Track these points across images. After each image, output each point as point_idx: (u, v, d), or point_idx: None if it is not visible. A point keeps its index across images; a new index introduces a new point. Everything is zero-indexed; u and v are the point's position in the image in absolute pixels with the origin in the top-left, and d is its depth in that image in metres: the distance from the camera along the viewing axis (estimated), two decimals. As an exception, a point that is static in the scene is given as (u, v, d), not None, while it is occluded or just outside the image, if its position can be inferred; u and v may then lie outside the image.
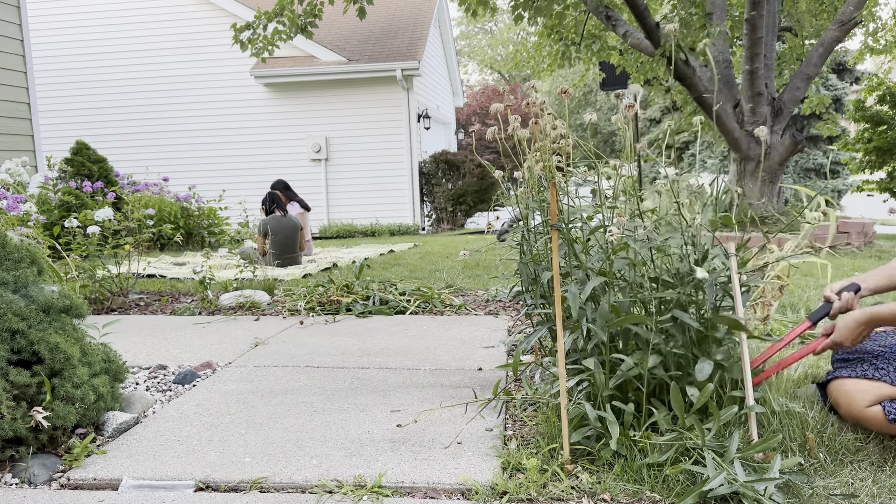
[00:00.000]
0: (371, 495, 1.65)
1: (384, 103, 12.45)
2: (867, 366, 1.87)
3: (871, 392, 1.83)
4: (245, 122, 12.75)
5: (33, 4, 12.28)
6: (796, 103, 8.63)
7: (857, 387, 1.86)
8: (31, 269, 2.09)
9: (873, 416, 1.83)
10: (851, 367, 1.91)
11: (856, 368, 1.89)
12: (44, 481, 1.78)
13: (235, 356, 3.00)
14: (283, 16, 8.73)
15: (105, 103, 12.92)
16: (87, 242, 4.37)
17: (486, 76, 41.79)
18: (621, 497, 1.61)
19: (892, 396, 1.82)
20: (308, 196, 12.61)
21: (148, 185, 8.56)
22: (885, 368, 1.84)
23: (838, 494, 1.59)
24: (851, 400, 1.86)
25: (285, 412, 2.23)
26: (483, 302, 4.19)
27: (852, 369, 1.90)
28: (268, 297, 4.27)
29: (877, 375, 1.84)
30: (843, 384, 1.89)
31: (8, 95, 7.27)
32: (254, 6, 11.55)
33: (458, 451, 1.87)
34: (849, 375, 1.89)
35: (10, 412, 1.79)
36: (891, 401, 1.81)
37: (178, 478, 1.76)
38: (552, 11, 8.25)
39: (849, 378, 1.89)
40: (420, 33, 13.20)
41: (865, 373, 1.86)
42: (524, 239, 2.34)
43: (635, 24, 8.79)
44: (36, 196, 6.70)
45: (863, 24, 11.19)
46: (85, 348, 2.06)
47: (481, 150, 21.84)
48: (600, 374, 1.84)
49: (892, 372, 1.83)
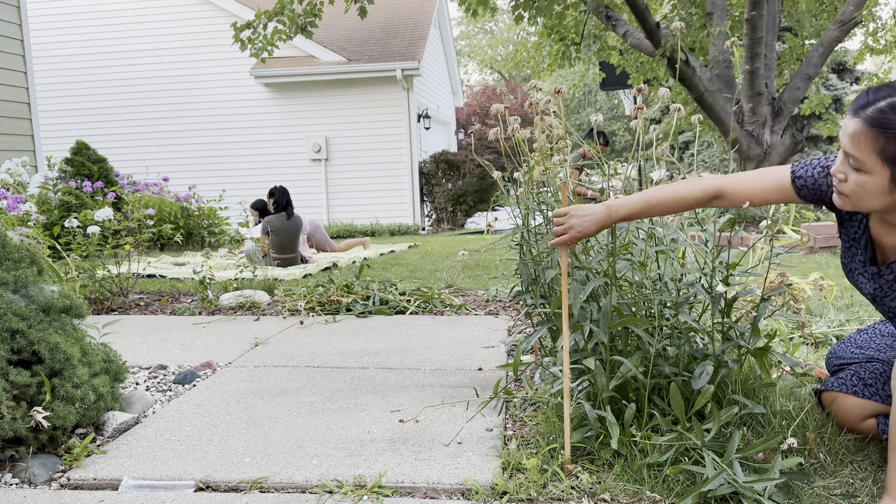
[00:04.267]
0: (371, 495, 1.65)
1: (384, 103, 12.45)
2: (856, 380, 1.86)
3: (865, 408, 1.83)
4: (245, 122, 12.75)
5: (33, 4, 12.28)
6: (796, 103, 8.63)
7: (848, 402, 1.85)
8: (31, 269, 2.09)
9: (868, 429, 1.83)
10: (843, 380, 1.90)
11: (846, 382, 1.88)
12: (44, 481, 1.78)
13: (235, 356, 3.00)
14: (283, 15, 8.74)
15: (105, 103, 12.91)
16: (87, 242, 4.37)
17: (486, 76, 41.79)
18: (621, 497, 1.61)
19: (885, 413, 1.81)
20: (308, 196, 12.63)
21: (148, 185, 8.56)
22: (874, 386, 1.83)
23: (838, 494, 1.59)
24: (846, 414, 1.86)
25: (285, 412, 2.23)
26: (483, 302, 4.19)
27: (843, 383, 1.89)
28: (268, 297, 4.27)
29: (867, 394, 1.83)
30: (836, 397, 1.89)
31: (8, 95, 7.27)
32: (254, 6, 11.55)
33: (459, 451, 1.87)
34: (839, 390, 1.88)
35: (10, 412, 1.79)
36: (885, 417, 1.80)
37: (178, 478, 1.76)
38: (552, 11, 8.25)
39: (840, 393, 1.88)
40: (420, 33, 13.21)
41: (856, 390, 1.84)
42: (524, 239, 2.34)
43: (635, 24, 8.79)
44: (36, 196, 6.70)
45: (863, 24, 11.18)
46: (85, 348, 2.06)
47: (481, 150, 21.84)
48: (601, 375, 1.84)
49: (880, 390, 1.82)
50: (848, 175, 1.50)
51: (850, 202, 1.54)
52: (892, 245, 1.62)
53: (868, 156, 1.44)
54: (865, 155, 1.44)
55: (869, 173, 1.46)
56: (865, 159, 1.45)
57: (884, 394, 1.80)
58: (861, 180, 1.48)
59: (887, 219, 1.59)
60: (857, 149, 1.45)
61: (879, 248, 1.67)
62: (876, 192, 1.47)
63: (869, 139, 1.43)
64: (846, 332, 2.95)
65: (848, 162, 1.50)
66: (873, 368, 1.86)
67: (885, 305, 1.71)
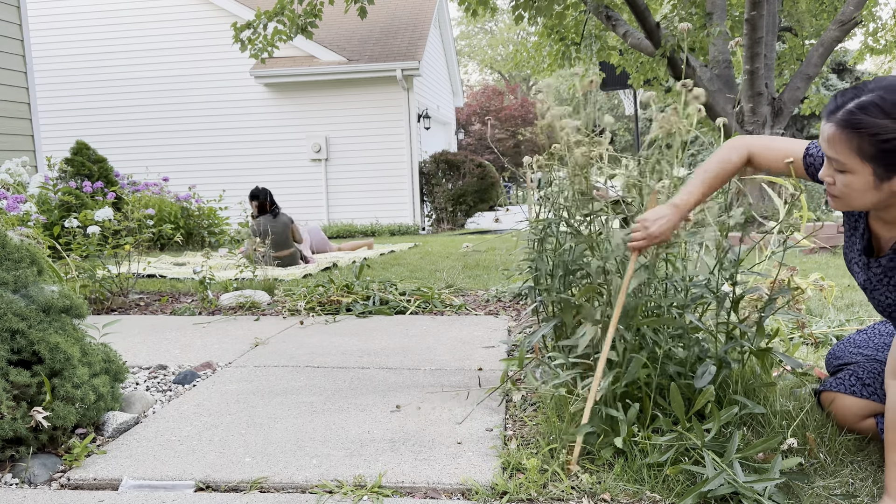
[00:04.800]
0: (371, 495, 1.65)
1: (384, 103, 12.45)
2: (855, 380, 1.86)
3: (864, 408, 1.83)
4: (245, 122, 12.75)
5: (33, 4, 12.28)
6: (796, 103, 8.62)
7: (847, 402, 1.86)
8: (31, 269, 2.09)
9: (867, 428, 1.84)
10: (841, 381, 1.90)
11: (844, 382, 1.89)
12: (44, 481, 1.78)
13: (235, 356, 3.00)
14: (284, 15, 8.73)
15: (105, 103, 12.91)
16: (87, 242, 4.37)
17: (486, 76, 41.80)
18: (621, 497, 1.61)
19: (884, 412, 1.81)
20: (308, 196, 12.64)
21: (148, 185, 8.56)
22: (873, 386, 1.83)
23: (838, 494, 1.59)
24: (845, 414, 1.87)
25: (285, 412, 2.23)
26: (483, 302, 4.19)
27: (842, 383, 1.89)
28: (268, 297, 4.27)
29: (865, 394, 1.83)
30: (835, 398, 1.89)
31: (8, 95, 7.27)
32: (254, 6, 11.55)
33: (459, 451, 1.87)
34: (837, 390, 1.89)
35: (10, 412, 1.79)
36: (884, 416, 1.80)
37: (178, 478, 1.76)
38: (552, 11, 8.25)
39: (838, 393, 1.88)
40: (420, 33, 13.20)
41: (854, 390, 1.85)
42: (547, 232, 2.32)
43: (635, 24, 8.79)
44: (36, 196, 6.71)
45: (863, 24, 11.19)
46: (85, 348, 2.06)
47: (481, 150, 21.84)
48: (613, 374, 1.84)
49: (878, 389, 1.82)
50: (835, 178, 1.55)
51: (842, 203, 1.58)
52: (888, 239, 1.65)
53: (847, 157, 1.49)
54: (845, 156, 1.49)
55: (852, 173, 1.50)
56: (846, 160, 1.50)
57: (882, 393, 1.80)
58: (846, 180, 1.52)
59: (882, 216, 1.62)
60: (836, 151, 1.51)
61: (876, 241, 1.70)
62: (862, 190, 1.51)
63: (844, 140, 1.48)
64: (846, 332, 2.95)
65: (832, 165, 1.55)
66: (871, 368, 1.86)
67: (874, 298, 1.74)
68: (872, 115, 1.44)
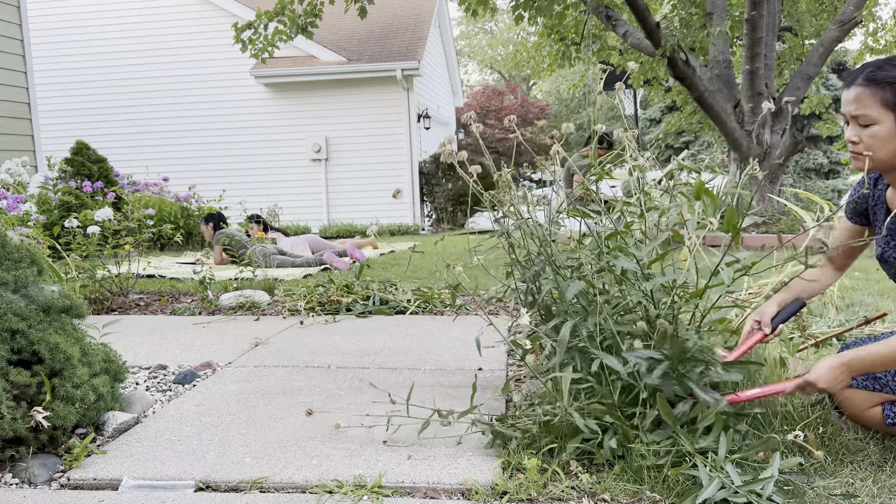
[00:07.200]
0: (371, 495, 1.65)
1: (384, 103, 12.44)
2: (867, 374, 1.87)
3: (871, 396, 1.85)
4: (245, 122, 12.74)
5: (33, 4, 12.27)
6: (796, 103, 8.62)
7: (857, 395, 1.87)
8: (31, 269, 2.09)
9: (872, 416, 1.86)
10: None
11: (856, 377, 1.89)
12: (44, 481, 1.78)
13: (235, 356, 3.00)
14: (284, 15, 8.73)
15: (105, 103, 12.91)
16: (87, 242, 4.37)
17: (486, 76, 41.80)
18: (621, 497, 1.61)
19: (893, 400, 1.82)
20: (308, 196, 12.64)
21: (148, 185, 8.57)
22: (884, 379, 1.85)
23: (838, 494, 1.59)
24: (853, 400, 1.88)
25: (285, 412, 2.23)
26: (483, 302, 4.19)
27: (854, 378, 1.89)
28: (268, 297, 4.27)
29: (877, 387, 1.85)
30: (844, 391, 1.89)
31: (8, 95, 7.27)
32: (254, 6, 11.55)
33: (459, 451, 1.87)
34: (850, 385, 1.89)
35: (10, 412, 1.79)
36: (891, 403, 1.82)
37: (178, 478, 1.76)
38: (552, 11, 8.25)
39: (848, 388, 1.89)
40: (420, 33, 13.20)
41: (866, 384, 1.87)
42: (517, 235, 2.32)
43: (635, 24, 8.79)
44: (36, 196, 6.71)
45: (863, 24, 11.19)
46: (85, 348, 2.06)
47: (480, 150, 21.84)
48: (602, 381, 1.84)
49: (891, 381, 1.83)
50: (860, 135, 1.71)
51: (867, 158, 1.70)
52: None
53: (872, 108, 1.67)
54: (871, 109, 1.68)
55: (877, 123, 1.68)
56: (871, 112, 1.68)
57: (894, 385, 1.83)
58: (872, 131, 1.69)
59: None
60: (863, 106, 1.68)
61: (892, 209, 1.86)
62: (886, 138, 1.68)
63: (869, 94, 1.68)
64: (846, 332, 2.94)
65: (857, 124, 1.71)
66: None
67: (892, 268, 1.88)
68: (891, 70, 1.66)
